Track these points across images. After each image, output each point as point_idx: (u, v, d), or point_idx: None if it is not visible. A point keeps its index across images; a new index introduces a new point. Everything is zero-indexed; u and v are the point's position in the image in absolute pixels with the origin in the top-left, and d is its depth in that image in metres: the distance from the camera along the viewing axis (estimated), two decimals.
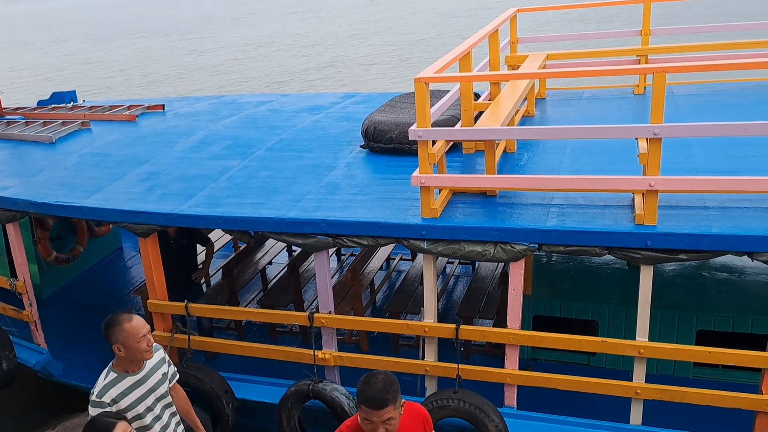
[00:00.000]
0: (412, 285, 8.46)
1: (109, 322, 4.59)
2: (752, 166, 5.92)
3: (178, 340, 6.98)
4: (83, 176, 7.72)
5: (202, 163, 7.70)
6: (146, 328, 4.64)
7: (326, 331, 6.56)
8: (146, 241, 6.77)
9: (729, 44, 8.16)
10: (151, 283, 6.95)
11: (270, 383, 6.94)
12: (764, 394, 5.43)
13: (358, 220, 5.98)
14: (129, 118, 9.73)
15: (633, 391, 5.74)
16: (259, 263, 9.59)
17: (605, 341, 5.76)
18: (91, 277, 10.60)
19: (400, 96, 8.62)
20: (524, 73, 7.15)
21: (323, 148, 7.81)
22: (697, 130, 5.07)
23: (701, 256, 5.22)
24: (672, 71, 4.87)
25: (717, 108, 7.68)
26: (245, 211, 6.37)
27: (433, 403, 6.00)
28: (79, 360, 8.31)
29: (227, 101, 10.58)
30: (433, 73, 5.54)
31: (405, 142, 7.13)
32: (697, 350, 5.63)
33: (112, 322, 4.58)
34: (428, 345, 6.29)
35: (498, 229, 5.59)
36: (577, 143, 6.97)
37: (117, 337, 4.56)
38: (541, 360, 7.36)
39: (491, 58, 7.49)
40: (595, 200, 5.79)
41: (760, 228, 5.02)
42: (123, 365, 4.72)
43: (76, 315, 9.45)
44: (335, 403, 6.29)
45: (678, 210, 5.42)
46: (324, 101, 10.08)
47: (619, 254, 5.37)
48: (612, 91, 8.85)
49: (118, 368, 4.72)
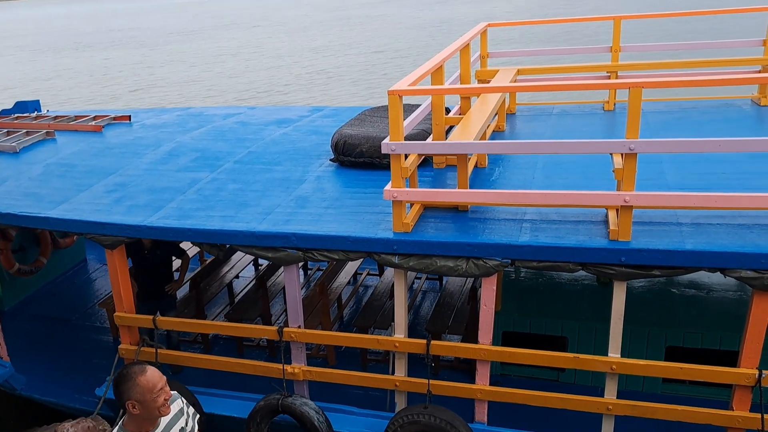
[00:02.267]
0: (380, 300, 8.40)
1: (120, 377, 3.98)
2: (723, 183, 5.98)
3: (144, 353, 6.84)
4: (48, 186, 7.55)
5: (170, 175, 7.58)
6: (163, 380, 4.03)
7: (295, 346, 6.47)
8: (113, 253, 6.63)
9: (697, 62, 8.28)
10: (118, 296, 6.81)
11: (238, 397, 6.82)
12: (735, 411, 5.46)
13: (329, 234, 5.91)
14: (95, 129, 9.56)
15: (605, 407, 5.74)
16: (226, 277, 9.47)
17: (578, 357, 5.75)
18: (54, 290, 10.39)
19: (370, 110, 8.58)
20: (500, 86, 7.15)
21: (292, 161, 7.73)
22: (673, 146, 5.09)
23: (675, 272, 5.24)
24: (649, 86, 4.88)
25: (686, 125, 7.76)
26: (215, 224, 6.27)
27: (404, 419, 5.94)
28: (43, 373, 8.13)
29: (194, 113, 10.46)
30: (407, 86, 5.50)
31: (375, 156, 7.09)
32: (669, 366, 5.64)
33: (124, 378, 3.96)
34: (398, 360, 6.23)
35: (470, 244, 5.55)
36: (548, 158, 6.98)
37: (131, 394, 3.92)
38: (510, 375, 7.34)
39: (462, 72, 7.49)
40: (568, 216, 5.78)
41: (733, 244, 5.06)
42: (137, 424, 4.06)
43: (39, 327, 9.25)
44: (305, 418, 6.19)
45: (651, 226, 5.44)
46: (292, 114, 10.01)
47: (593, 270, 5.37)
48: (582, 107, 8.91)
49: (130, 428, 4.07)
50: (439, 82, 6.48)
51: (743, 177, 6.13)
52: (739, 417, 5.41)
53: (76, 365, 8.30)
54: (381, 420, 6.28)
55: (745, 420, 5.40)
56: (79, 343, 8.92)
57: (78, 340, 9.01)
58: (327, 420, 6.25)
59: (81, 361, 8.43)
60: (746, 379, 5.31)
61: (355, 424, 6.39)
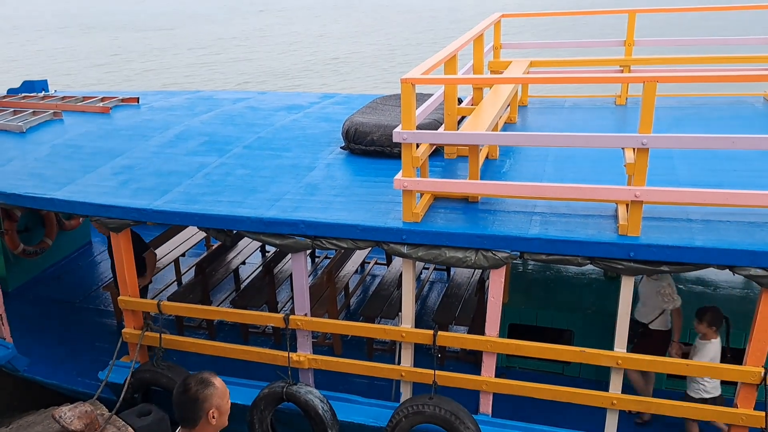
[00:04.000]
0: (388, 289, 8.38)
1: (201, 383, 3.48)
2: (734, 180, 5.94)
3: (148, 338, 6.84)
4: (55, 167, 7.53)
5: (177, 158, 7.55)
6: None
7: (301, 334, 6.46)
8: (118, 237, 6.62)
9: (710, 58, 8.22)
10: (122, 280, 6.80)
11: (242, 384, 6.81)
12: (739, 408, 5.44)
13: (337, 222, 5.89)
14: (102, 110, 9.52)
15: (609, 401, 5.73)
16: (232, 263, 9.45)
17: (584, 351, 5.73)
18: (58, 272, 10.38)
19: (382, 98, 8.54)
20: (512, 77, 7.11)
21: (302, 148, 7.70)
22: (686, 141, 5.05)
23: (684, 269, 5.21)
24: (664, 81, 4.86)
25: (697, 121, 7.71)
26: (222, 210, 6.25)
27: (409, 409, 5.93)
28: (45, 355, 8.12)
29: (203, 97, 10.42)
30: (420, 75, 5.46)
31: (387, 145, 7.05)
32: (674, 362, 5.63)
33: (204, 383, 3.48)
34: (405, 350, 6.22)
35: (480, 235, 5.53)
36: (559, 152, 6.94)
37: (213, 401, 3.48)
38: (515, 368, 7.32)
39: (475, 63, 7.44)
40: (578, 209, 5.75)
41: (742, 242, 5.03)
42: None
43: (43, 309, 9.25)
44: (309, 406, 6.18)
45: (661, 222, 5.41)
46: (302, 101, 9.97)
47: (601, 264, 5.35)
48: (594, 100, 8.86)
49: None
50: (452, 72, 6.44)
51: (755, 174, 6.09)
52: (742, 415, 5.41)
53: (79, 348, 8.29)
54: (386, 410, 6.27)
55: (749, 418, 5.39)
56: (82, 326, 8.91)
57: (81, 323, 9.00)
58: (331, 409, 6.24)
59: (84, 344, 8.42)
60: (752, 377, 5.30)
61: (360, 413, 6.39)
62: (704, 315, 5.98)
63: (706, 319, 5.97)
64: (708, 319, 5.96)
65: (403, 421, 5.94)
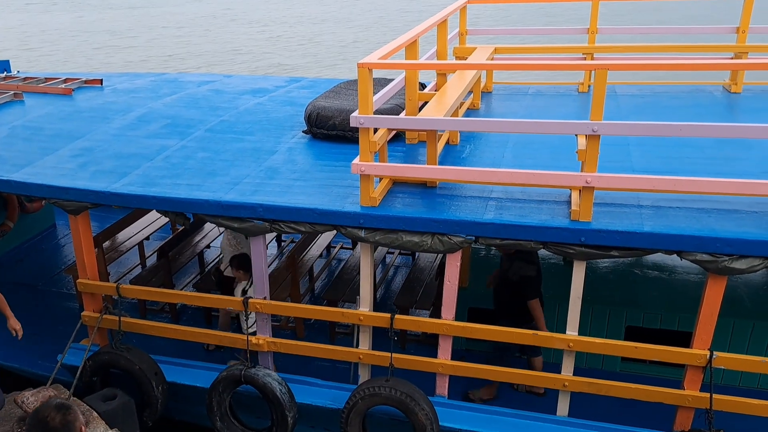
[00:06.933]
0: (351, 274, 8.42)
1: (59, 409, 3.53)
2: (687, 167, 6.03)
3: (107, 321, 6.83)
4: (13, 149, 7.45)
5: (138, 141, 7.51)
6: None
7: (261, 317, 6.48)
8: (77, 219, 6.59)
9: (672, 47, 8.31)
10: (81, 263, 6.77)
11: (201, 367, 6.84)
12: (686, 390, 5.56)
13: (295, 205, 5.90)
14: (65, 92, 9.44)
15: (561, 383, 5.83)
16: (197, 246, 9.44)
17: (536, 334, 5.83)
18: (21, 255, 10.30)
19: (346, 83, 8.54)
20: (472, 63, 7.14)
21: (265, 131, 7.69)
22: (635, 129, 5.12)
23: (633, 254, 5.30)
24: (613, 68, 4.91)
25: (656, 109, 7.81)
26: (180, 193, 6.23)
27: (365, 391, 5.98)
28: (6, 339, 8.05)
29: (169, 79, 10.35)
30: (377, 59, 5.48)
31: (348, 129, 7.06)
32: (623, 345, 5.73)
33: (64, 407, 3.55)
34: (363, 333, 6.27)
35: (436, 220, 5.58)
36: (519, 138, 7.00)
37: (79, 419, 3.58)
38: (475, 351, 7.40)
39: (439, 49, 7.45)
40: (533, 195, 5.82)
41: (690, 228, 5.12)
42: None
43: (4, 293, 9.12)
44: (267, 389, 6.22)
45: (613, 207, 5.49)
46: (268, 84, 9.94)
47: (554, 249, 5.42)
48: (557, 88, 8.93)
49: None
50: (413, 57, 6.44)
51: (707, 162, 6.19)
52: (689, 396, 5.53)
53: (41, 332, 8.25)
54: (344, 392, 6.32)
55: (695, 399, 5.52)
56: (44, 310, 8.87)
57: (44, 307, 8.96)
58: (290, 391, 6.29)
59: (46, 327, 8.39)
60: (698, 359, 5.42)
61: (318, 395, 6.44)
62: (233, 261, 7.30)
63: (234, 265, 7.26)
64: (235, 264, 7.25)
65: (360, 403, 6.00)
